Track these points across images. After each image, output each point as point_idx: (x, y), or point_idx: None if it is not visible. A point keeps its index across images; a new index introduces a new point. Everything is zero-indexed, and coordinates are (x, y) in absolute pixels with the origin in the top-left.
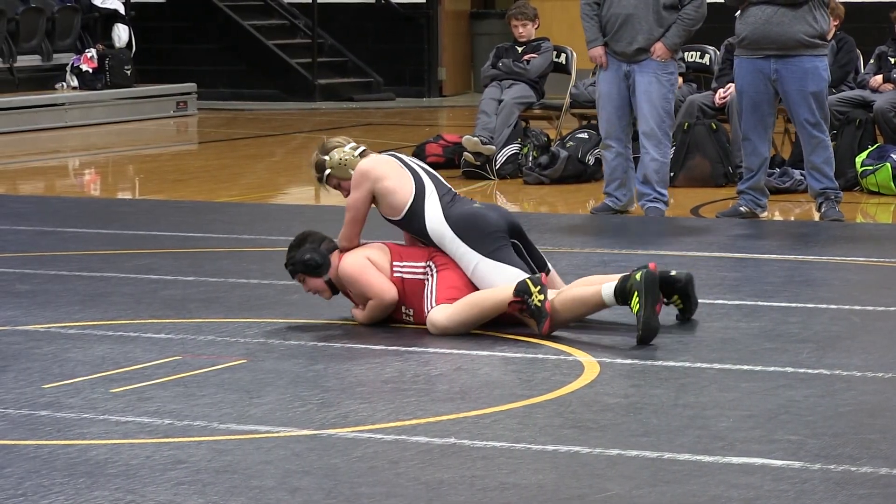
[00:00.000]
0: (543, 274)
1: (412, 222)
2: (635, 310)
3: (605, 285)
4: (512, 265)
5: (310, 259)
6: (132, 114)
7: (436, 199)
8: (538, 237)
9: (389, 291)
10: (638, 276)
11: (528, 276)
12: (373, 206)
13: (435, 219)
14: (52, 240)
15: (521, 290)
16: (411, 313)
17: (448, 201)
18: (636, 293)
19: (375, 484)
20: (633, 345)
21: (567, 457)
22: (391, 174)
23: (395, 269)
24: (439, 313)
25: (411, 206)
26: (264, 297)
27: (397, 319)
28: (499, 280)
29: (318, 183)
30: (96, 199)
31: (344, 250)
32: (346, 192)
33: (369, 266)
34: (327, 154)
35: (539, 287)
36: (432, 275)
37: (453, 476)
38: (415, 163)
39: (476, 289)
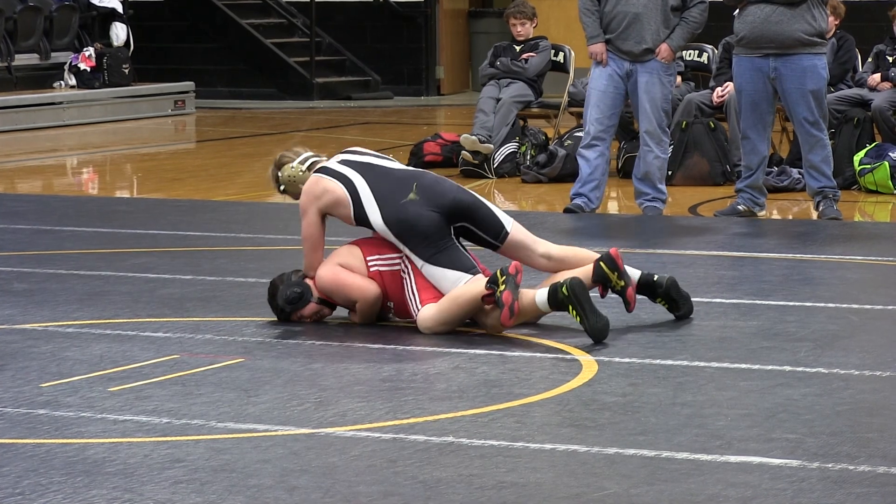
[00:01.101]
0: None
1: (365, 225)
2: (577, 320)
3: (539, 293)
4: (454, 267)
5: (290, 295)
6: (130, 112)
7: (372, 201)
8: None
9: (370, 289)
10: (565, 290)
11: (467, 277)
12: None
13: (378, 224)
14: (50, 238)
15: (492, 282)
16: (391, 305)
17: (387, 199)
18: (570, 307)
19: (373, 483)
20: (632, 344)
21: (565, 455)
22: (328, 188)
23: (370, 264)
24: (426, 315)
25: (355, 213)
26: (262, 295)
27: (385, 315)
28: (444, 285)
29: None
30: (94, 197)
31: (311, 277)
32: None
33: (342, 272)
34: (280, 168)
35: (505, 278)
36: (408, 270)
37: (451, 475)
38: (351, 160)
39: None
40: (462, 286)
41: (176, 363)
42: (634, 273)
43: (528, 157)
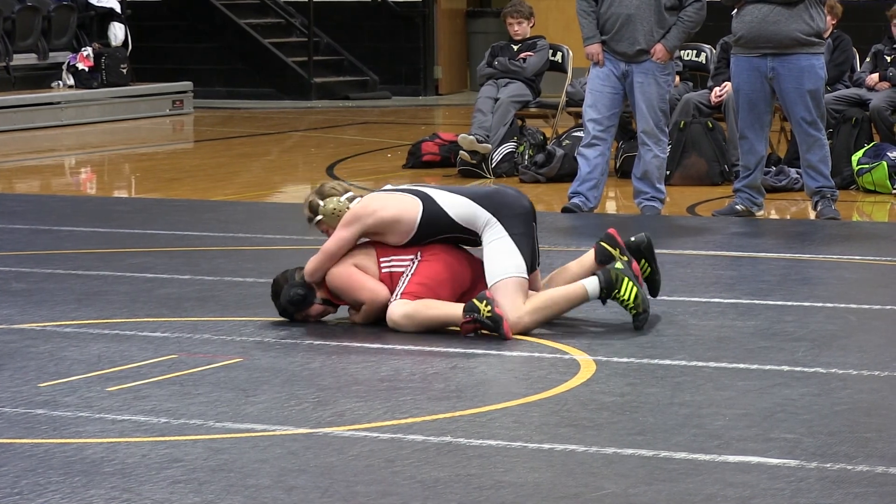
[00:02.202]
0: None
1: (432, 226)
2: (630, 294)
3: (588, 281)
4: (524, 257)
5: (293, 296)
6: (128, 112)
7: (451, 195)
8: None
9: (381, 293)
10: (619, 265)
11: (524, 275)
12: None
13: (458, 204)
14: (48, 238)
15: (469, 310)
16: None
17: (471, 190)
18: (625, 279)
19: (371, 482)
20: (630, 344)
21: (563, 455)
22: (387, 202)
23: (382, 265)
24: (398, 308)
25: (423, 214)
26: (260, 295)
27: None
28: (505, 262)
29: (307, 222)
30: (92, 197)
31: (311, 283)
32: None
33: (356, 272)
34: (323, 199)
35: (485, 301)
36: (415, 262)
37: (449, 474)
38: (419, 186)
39: (447, 288)
40: (443, 303)
41: (174, 363)
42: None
43: (527, 156)
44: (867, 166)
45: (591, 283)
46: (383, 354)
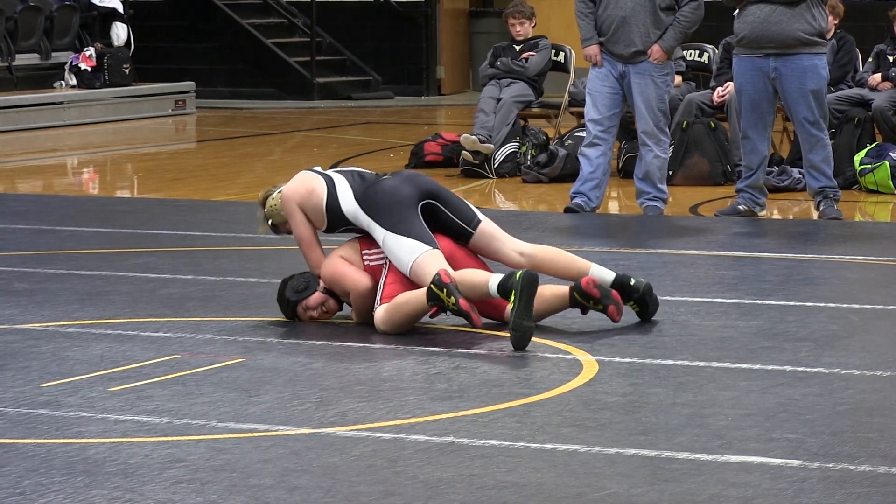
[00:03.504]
0: (443, 271)
1: (336, 217)
2: (510, 306)
3: (493, 278)
4: (410, 235)
5: (296, 285)
6: (130, 112)
7: (346, 185)
8: (537, 236)
9: (362, 280)
10: (518, 276)
11: (425, 248)
12: None
13: (347, 201)
14: (51, 238)
15: (433, 299)
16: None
17: (363, 185)
18: (513, 292)
19: (374, 482)
20: (632, 344)
21: (565, 455)
22: (303, 181)
23: (365, 258)
24: (379, 315)
25: (327, 201)
26: (263, 295)
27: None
28: (401, 255)
29: (275, 235)
30: (94, 197)
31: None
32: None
33: (340, 262)
34: (265, 205)
35: (445, 290)
36: (386, 264)
37: (452, 475)
38: (337, 169)
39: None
40: (410, 294)
41: (176, 363)
42: (609, 274)
43: (529, 156)
44: (870, 166)
45: (494, 280)
46: (386, 355)
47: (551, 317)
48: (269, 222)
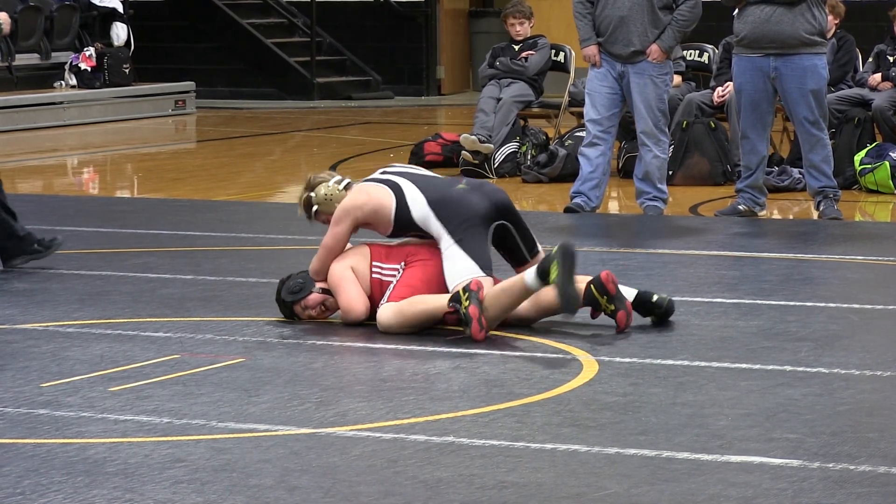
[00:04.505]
0: (476, 281)
1: (404, 223)
2: (552, 277)
3: (528, 272)
4: (472, 257)
5: (293, 286)
6: (130, 112)
7: (417, 191)
8: (537, 236)
9: (356, 309)
10: (554, 250)
11: (468, 280)
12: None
13: (418, 207)
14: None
15: (454, 299)
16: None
17: (438, 191)
18: (553, 263)
19: (374, 482)
20: (632, 344)
21: (565, 455)
22: (372, 193)
23: (373, 270)
24: (385, 311)
25: (396, 211)
26: (263, 295)
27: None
28: (454, 270)
29: (307, 220)
30: (94, 197)
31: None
32: None
33: (347, 278)
34: (313, 190)
35: (468, 294)
36: (399, 273)
37: (452, 474)
38: (393, 171)
39: (433, 289)
40: (429, 297)
41: (176, 363)
42: (631, 292)
43: (529, 156)
44: (869, 166)
45: (529, 272)
46: (386, 354)
47: (551, 317)
48: (314, 209)
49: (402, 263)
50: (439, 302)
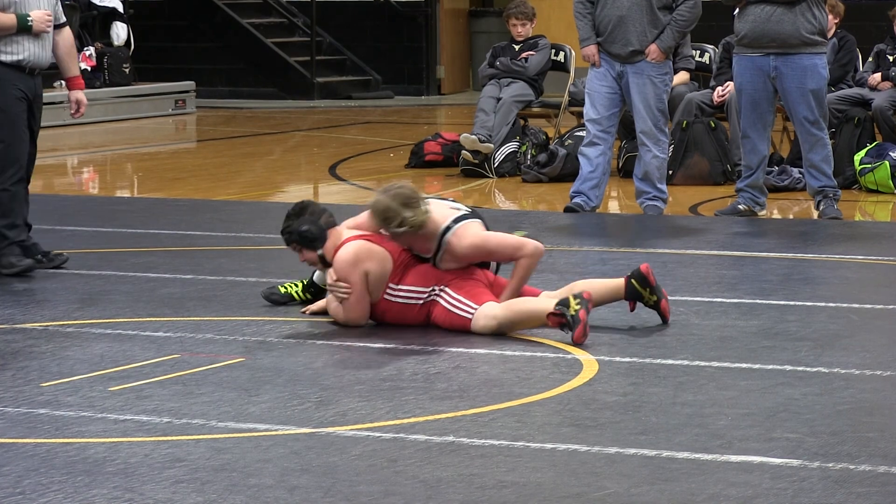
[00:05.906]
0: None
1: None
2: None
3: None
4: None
5: (307, 231)
6: (130, 112)
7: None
8: (537, 235)
9: (357, 321)
10: (575, 306)
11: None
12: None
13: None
14: (51, 238)
15: (562, 304)
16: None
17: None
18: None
19: (374, 482)
20: (632, 343)
21: (565, 455)
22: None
23: (388, 291)
24: (486, 311)
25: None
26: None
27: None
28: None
29: (382, 228)
30: (94, 197)
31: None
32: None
33: (357, 286)
34: (408, 208)
35: (578, 300)
36: (441, 294)
37: (452, 474)
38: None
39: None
40: (530, 300)
41: (176, 363)
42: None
43: (529, 156)
44: (869, 166)
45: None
46: (386, 354)
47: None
48: (402, 229)
49: (435, 287)
50: (543, 305)
